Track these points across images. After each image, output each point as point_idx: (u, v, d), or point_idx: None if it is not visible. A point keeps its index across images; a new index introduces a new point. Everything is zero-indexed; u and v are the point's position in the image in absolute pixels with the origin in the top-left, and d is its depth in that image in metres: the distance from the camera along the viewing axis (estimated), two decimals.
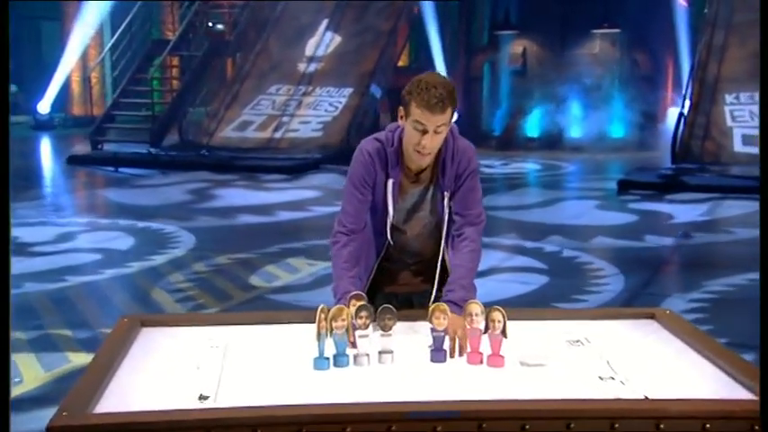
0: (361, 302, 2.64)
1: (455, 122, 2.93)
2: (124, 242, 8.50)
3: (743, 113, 13.70)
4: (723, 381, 2.43)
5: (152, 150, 15.32)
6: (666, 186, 11.84)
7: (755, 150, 12.43)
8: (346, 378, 2.44)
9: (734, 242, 8.66)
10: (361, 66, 16.07)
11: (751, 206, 9.95)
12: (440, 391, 2.34)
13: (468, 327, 2.61)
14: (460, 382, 2.43)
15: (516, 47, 17.70)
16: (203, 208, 10.60)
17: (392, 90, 16.19)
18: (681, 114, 13.91)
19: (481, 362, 2.56)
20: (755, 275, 6.75)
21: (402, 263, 3.10)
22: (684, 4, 17.10)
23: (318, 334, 2.50)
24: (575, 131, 16.95)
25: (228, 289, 6.74)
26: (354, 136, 14.38)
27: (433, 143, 2.79)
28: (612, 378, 2.46)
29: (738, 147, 13.27)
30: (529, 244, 8.34)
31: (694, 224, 9.60)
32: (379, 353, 2.56)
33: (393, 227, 2.99)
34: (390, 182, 2.92)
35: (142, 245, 8.34)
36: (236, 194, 11.63)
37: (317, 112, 15.50)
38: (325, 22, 16.95)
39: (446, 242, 3.01)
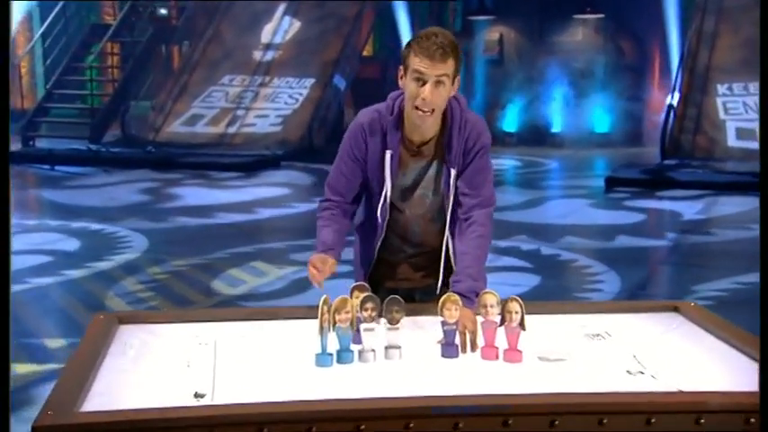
0: (366, 293, 2.62)
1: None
2: (69, 245, 8.40)
3: (736, 105, 13.85)
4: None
5: (92, 147, 15.14)
6: (656, 183, 11.99)
7: (751, 145, 12.63)
8: (352, 375, 2.43)
9: (730, 241, 8.79)
10: (324, 54, 16.03)
11: (747, 203, 10.11)
12: (455, 387, 2.32)
13: (482, 319, 2.61)
14: (476, 379, 2.42)
15: (492, 34, 17.74)
16: (153, 208, 10.50)
17: (357, 81, 16.22)
18: (670, 106, 14.07)
19: (497, 357, 2.55)
20: (750, 276, 6.88)
21: (402, 252, 3.08)
22: None
23: (321, 328, 2.47)
24: (556, 125, 17.05)
25: (190, 295, 6.68)
26: (317, 130, 14.32)
27: (433, 97, 2.76)
28: (642, 372, 2.46)
29: (732, 141, 13.42)
30: (517, 244, 8.38)
31: (690, 222, 9.74)
32: (386, 348, 2.55)
33: (391, 206, 2.97)
34: (389, 153, 2.91)
35: (89, 249, 8.24)
36: (188, 194, 11.54)
37: (275, 105, 15.42)
38: (282, 6, 16.89)
39: (450, 229, 2.98)
